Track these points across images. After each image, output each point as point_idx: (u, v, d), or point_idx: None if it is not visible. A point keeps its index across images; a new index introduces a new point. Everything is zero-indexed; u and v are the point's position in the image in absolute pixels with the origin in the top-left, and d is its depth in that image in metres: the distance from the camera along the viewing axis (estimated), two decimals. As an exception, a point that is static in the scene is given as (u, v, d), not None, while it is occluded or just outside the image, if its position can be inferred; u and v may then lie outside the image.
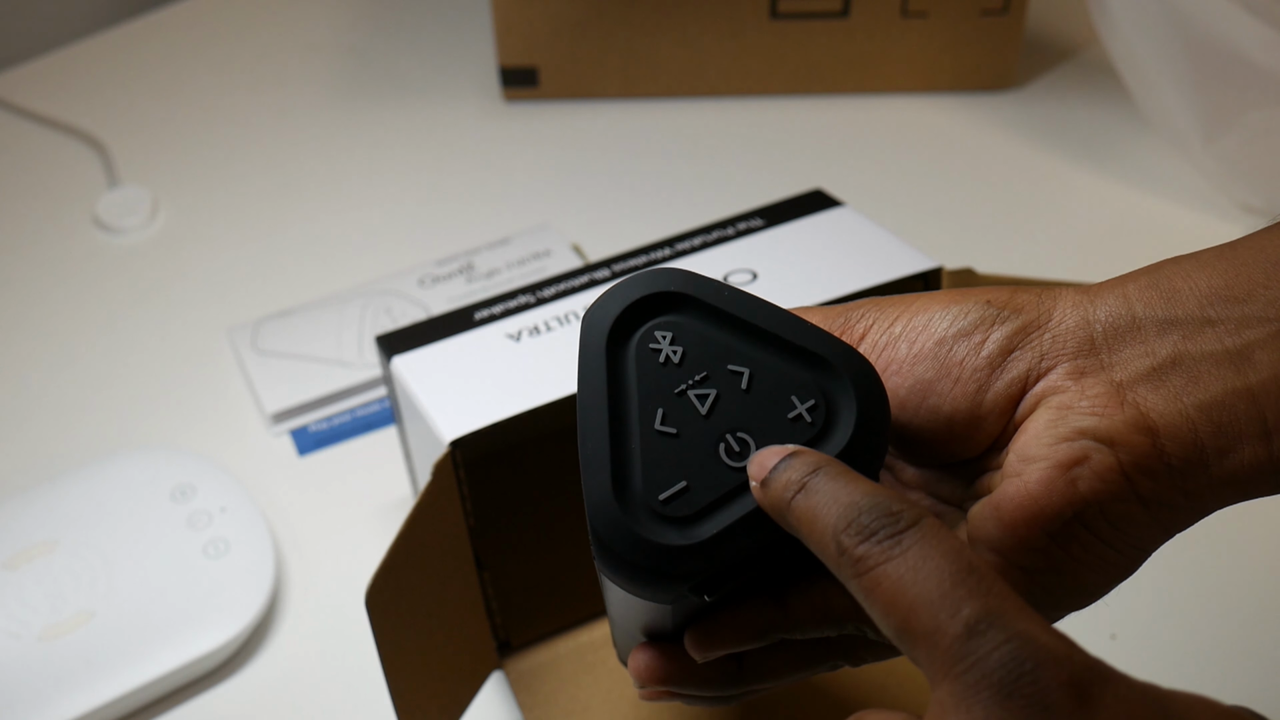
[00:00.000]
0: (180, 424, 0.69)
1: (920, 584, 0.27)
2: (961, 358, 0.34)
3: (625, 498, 0.32)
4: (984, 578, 0.27)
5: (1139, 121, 0.84)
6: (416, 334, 0.52)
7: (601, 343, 0.33)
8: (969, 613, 0.27)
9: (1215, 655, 0.55)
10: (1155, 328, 0.33)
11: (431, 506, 0.46)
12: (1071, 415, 0.32)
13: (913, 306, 0.35)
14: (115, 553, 0.58)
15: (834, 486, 0.30)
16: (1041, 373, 0.33)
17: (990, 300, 0.34)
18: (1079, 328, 0.33)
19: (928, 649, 0.27)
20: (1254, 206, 0.78)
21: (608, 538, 0.32)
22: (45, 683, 0.53)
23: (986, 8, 0.86)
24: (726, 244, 0.55)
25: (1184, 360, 0.32)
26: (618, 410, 0.33)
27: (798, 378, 0.33)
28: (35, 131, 0.92)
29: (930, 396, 0.34)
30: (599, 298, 0.34)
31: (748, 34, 0.87)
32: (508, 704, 0.54)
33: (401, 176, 0.86)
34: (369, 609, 0.42)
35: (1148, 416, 0.32)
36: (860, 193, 0.71)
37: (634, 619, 0.36)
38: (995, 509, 0.33)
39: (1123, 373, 0.33)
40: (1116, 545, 0.32)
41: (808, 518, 0.30)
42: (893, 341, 0.35)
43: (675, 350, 0.33)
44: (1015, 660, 0.26)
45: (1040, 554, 0.32)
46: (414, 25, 1.01)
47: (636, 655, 0.37)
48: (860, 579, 0.28)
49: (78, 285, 0.79)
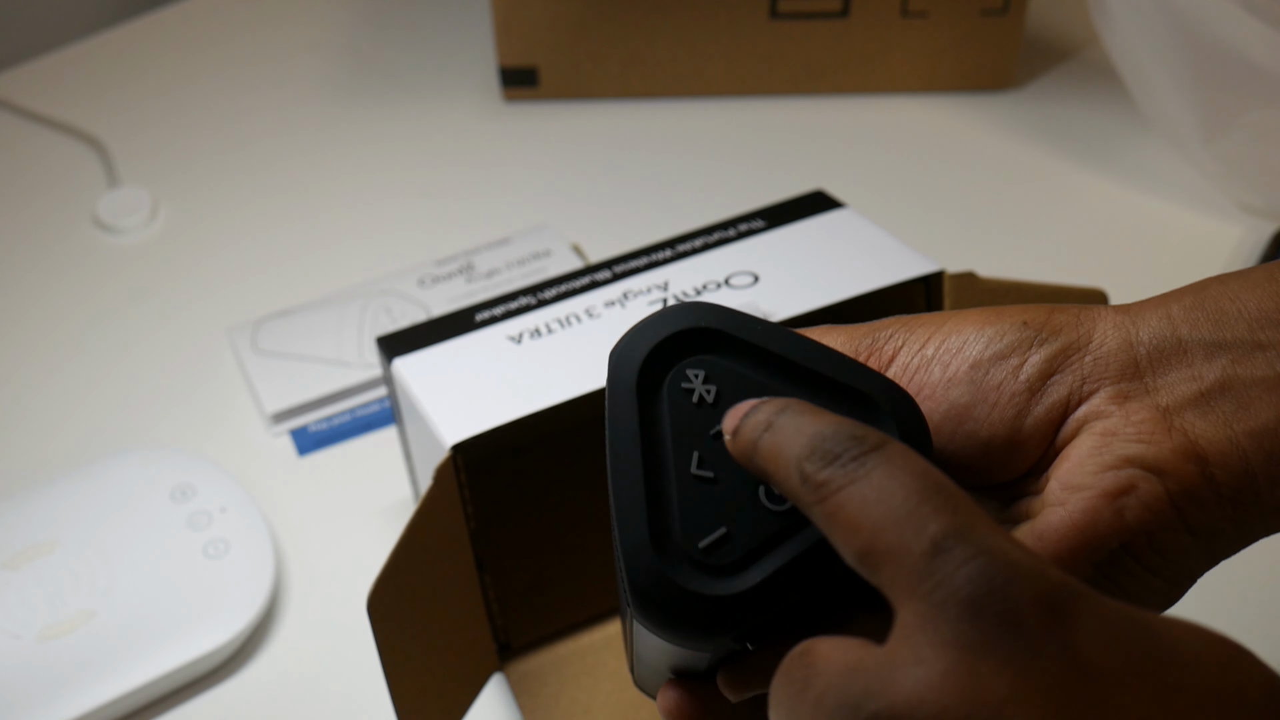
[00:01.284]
0: (180, 424, 0.69)
1: (885, 502, 0.26)
2: (999, 382, 0.33)
3: (663, 546, 0.30)
4: (951, 495, 0.26)
5: (1139, 121, 0.84)
6: (417, 335, 0.52)
7: (631, 383, 0.32)
8: (935, 529, 0.26)
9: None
10: (1202, 351, 0.32)
11: (433, 511, 0.46)
12: (1117, 442, 0.31)
13: (944, 327, 0.34)
14: (115, 552, 0.58)
15: (799, 420, 0.29)
16: (1083, 397, 0.32)
17: (1027, 321, 0.33)
18: (1121, 350, 0.32)
19: (892, 568, 0.26)
20: (1253, 207, 0.78)
21: (647, 589, 0.30)
22: (45, 683, 0.53)
23: (986, 7, 0.86)
24: (728, 245, 0.55)
25: (1233, 385, 0.31)
26: (651, 454, 0.31)
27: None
28: (35, 131, 0.92)
29: (966, 422, 0.33)
30: (625, 335, 0.32)
31: (747, 34, 0.87)
32: (508, 706, 0.54)
33: (401, 176, 0.86)
34: (371, 615, 0.42)
35: (1196, 444, 0.31)
36: (859, 192, 0.71)
37: (663, 659, 0.35)
38: (1038, 538, 0.32)
39: (1169, 397, 0.32)
40: (1163, 574, 0.32)
41: (773, 453, 0.29)
42: (925, 364, 0.34)
43: (709, 389, 0.32)
44: (984, 576, 0.25)
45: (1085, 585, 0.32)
46: (414, 25, 1.01)
47: (666, 694, 0.36)
48: (823, 504, 0.27)
49: (78, 285, 0.79)
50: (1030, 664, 0.24)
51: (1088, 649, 0.25)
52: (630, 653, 0.41)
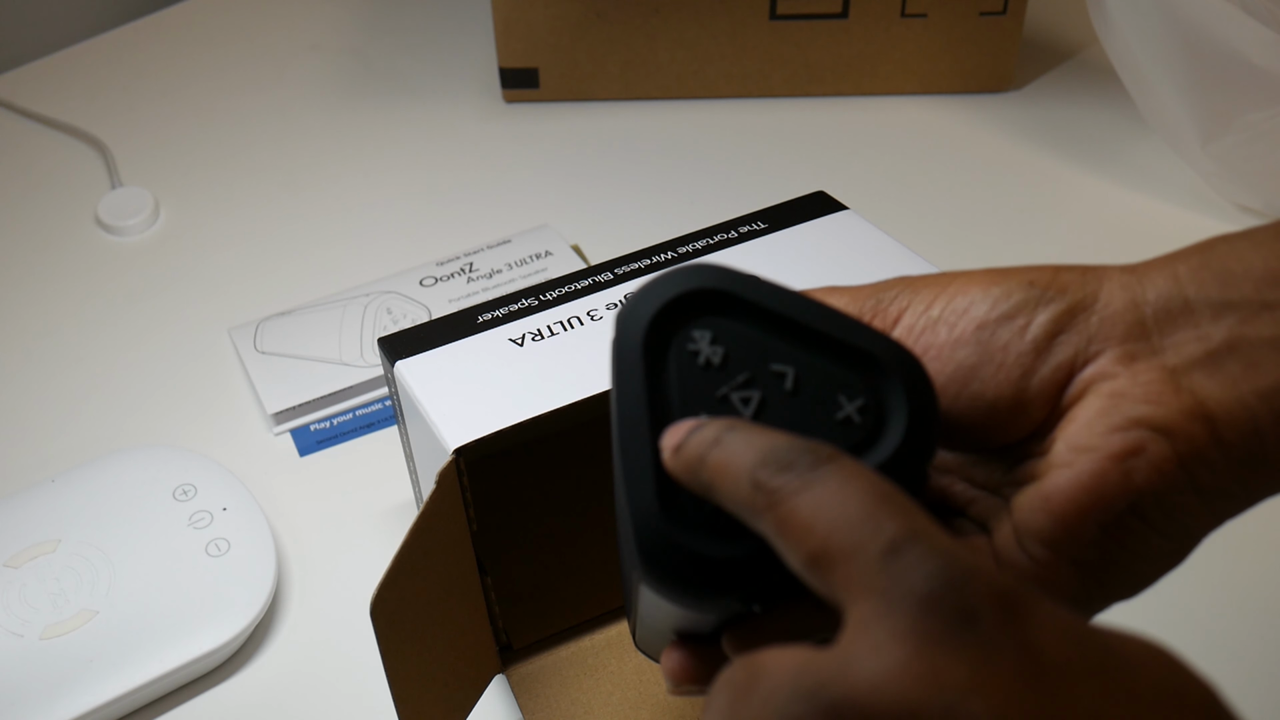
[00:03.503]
0: (182, 424, 0.69)
1: (839, 507, 0.26)
2: (1005, 342, 0.33)
3: (670, 508, 0.30)
4: (906, 503, 0.26)
5: (1138, 122, 0.84)
6: (419, 337, 0.53)
7: (638, 346, 0.31)
8: (892, 530, 0.26)
9: (1218, 651, 0.55)
10: (1209, 310, 0.31)
11: (435, 514, 0.46)
12: (1124, 403, 0.31)
13: (950, 288, 0.34)
14: (117, 552, 0.58)
15: (749, 434, 0.29)
16: (1090, 357, 0.32)
17: (1033, 281, 0.33)
18: (1128, 309, 0.32)
19: (844, 569, 0.26)
20: (1252, 207, 0.79)
21: (655, 552, 0.30)
22: (47, 681, 0.53)
23: (985, 9, 0.86)
24: (729, 248, 0.55)
25: (1241, 345, 0.31)
26: (658, 417, 0.31)
27: (844, 377, 0.31)
28: (37, 132, 0.93)
29: (972, 383, 0.33)
30: (630, 297, 0.32)
31: (747, 35, 0.87)
32: (510, 708, 0.55)
33: (402, 177, 0.86)
34: (374, 618, 0.43)
35: (1204, 404, 0.31)
36: (859, 193, 0.71)
37: (668, 622, 0.35)
38: (1045, 500, 0.31)
39: (1176, 357, 0.31)
40: (1169, 535, 0.31)
41: (722, 465, 0.29)
42: (931, 325, 0.33)
43: (716, 351, 0.31)
44: (941, 573, 0.25)
45: (1092, 546, 0.31)
46: (414, 26, 1.01)
47: (670, 655, 0.36)
48: (775, 509, 0.27)
49: (79, 285, 0.80)
50: (988, 656, 0.24)
51: (1043, 643, 0.25)
52: (632, 617, 0.40)
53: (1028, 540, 0.32)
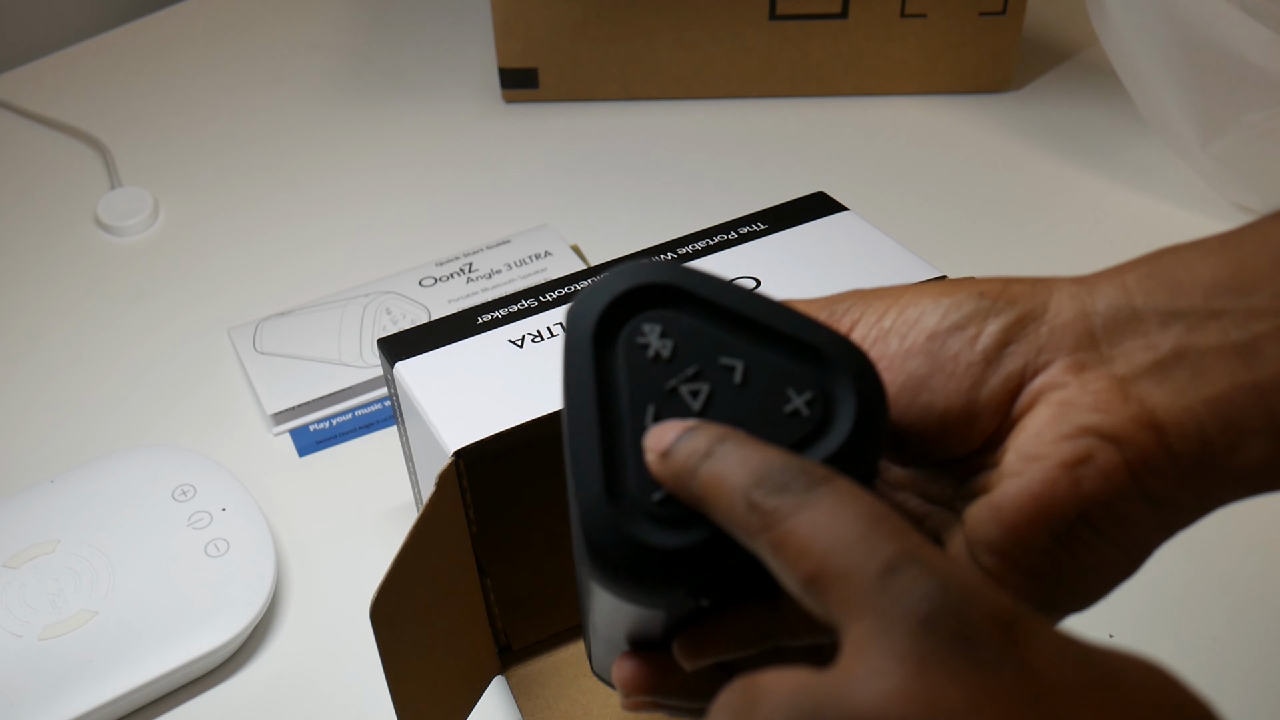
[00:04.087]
0: (181, 424, 0.69)
1: (836, 529, 0.26)
2: (955, 352, 0.33)
3: (618, 499, 0.30)
4: (901, 525, 0.27)
5: (1137, 123, 0.84)
6: (419, 338, 0.53)
7: (587, 338, 0.31)
8: (889, 551, 0.26)
9: (1214, 652, 0.55)
10: (1157, 320, 0.31)
11: (435, 517, 0.46)
12: (1074, 411, 0.31)
13: (902, 299, 0.34)
14: (116, 552, 0.58)
15: (744, 451, 0.29)
16: (1039, 367, 0.32)
17: (983, 292, 0.33)
18: (1077, 320, 0.32)
19: (842, 590, 0.26)
20: (1251, 207, 0.79)
21: (601, 541, 0.30)
22: (46, 681, 0.53)
23: (985, 9, 0.86)
24: (730, 248, 0.55)
25: (1189, 354, 0.31)
26: (607, 409, 0.31)
27: (793, 370, 0.31)
28: (37, 132, 0.93)
29: (923, 392, 0.33)
30: (582, 291, 0.32)
31: (747, 35, 0.87)
32: (509, 709, 0.55)
33: (401, 177, 0.86)
34: (374, 621, 0.42)
35: (1153, 412, 0.31)
36: (857, 193, 0.71)
37: (620, 626, 0.35)
38: (996, 510, 0.31)
39: (1125, 366, 0.31)
40: (1121, 544, 0.31)
41: (714, 481, 0.29)
42: (883, 336, 0.34)
43: (665, 344, 0.31)
44: (939, 593, 0.25)
45: (1043, 555, 0.31)
46: (414, 26, 1.01)
47: (622, 664, 0.36)
48: (771, 530, 0.27)
49: (79, 285, 0.80)
50: (986, 677, 0.24)
51: (1040, 665, 0.25)
52: (588, 635, 0.40)
53: (979, 551, 0.32)
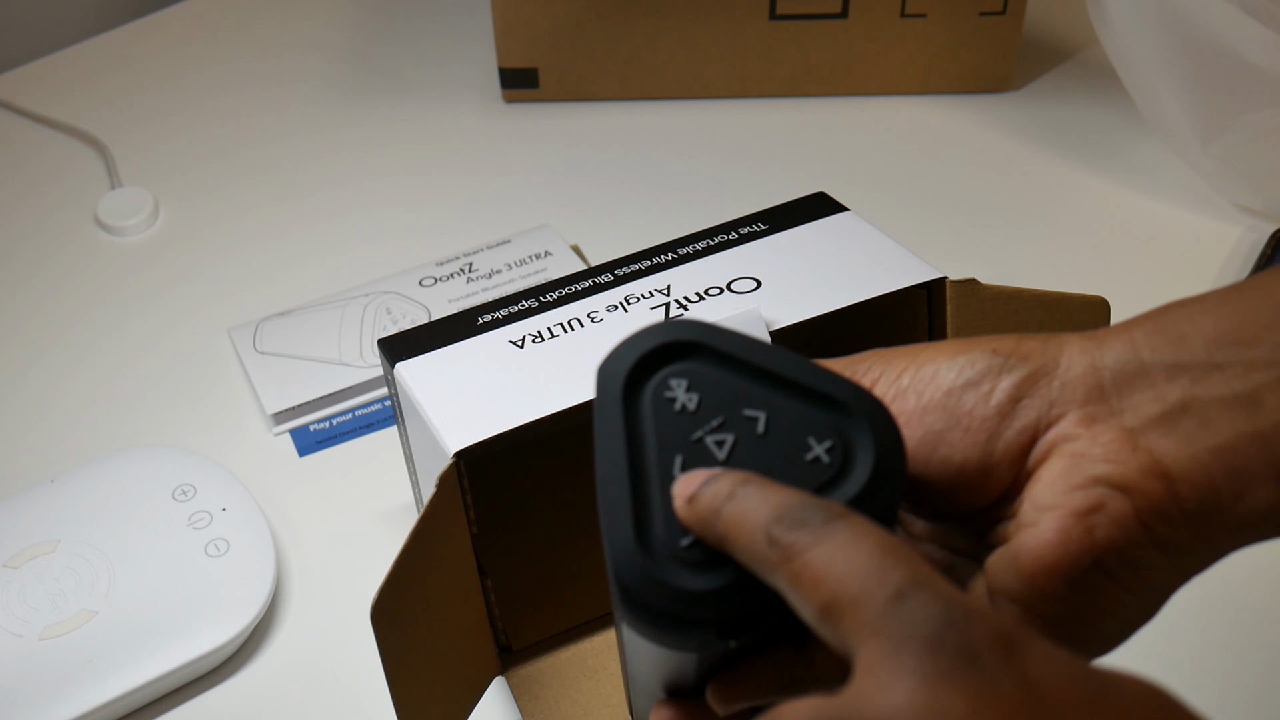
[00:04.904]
0: (181, 424, 0.69)
1: (849, 559, 0.28)
2: (970, 407, 0.34)
3: (648, 545, 0.32)
4: (911, 554, 0.28)
5: (1137, 123, 0.84)
6: (419, 339, 0.53)
7: (618, 393, 0.33)
8: (899, 578, 0.27)
9: (1212, 661, 0.55)
10: (1163, 373, 0.33)
11: (436, 518, 0.46)
12: (1085, 462, 0.32)
13: (919, 358, 0.36)
14: (117, 552, 0.58)
15: (763, 490, 0.31)
16: (1052, 420, 0.34)
17: (996, 349, 0.35)
18: (1087, 374, 0.34)
19: (854, 616, 0.27)
20: (1251, 207, 0.79)
21: (632, 585, 0.32)
22: (46, 681, 0.53)
23: (985, 9, 0.86)
24: (730, 249, 0.55)
25: (1194, 405, 0.32)
26: (636, 459, 0.33)
27: (814, 420, 0.33)
28: (37, 132, 0.92)
29: (941, 447, 0.34)
30: (613, 349, 0.34)
31: (747, 35, 0.87)
32: (509, 710, 0.55)
33: (401, 176, 0.86)
34: (374, 623, 0.43)
35: (1161, 462, 0.32)
36: (857, 193, 0.71)
37: (655, 673, 0.37)
38: (1014, 559, 0.33)
39: (1133, 418, 0.33)
40: (1136, 590, 0.33)
41: (737, 520, 0.30)
42: (901, 394, 0.35)
43: (691, 397, 0.33)
44: (944, 615, 0.26)
45: (1061, 602, 0.32)
46: (414, 25, 1.01)
47: (659, 711, 0.37)
48: (789, 563, 0.29)
49: (79, 286, 0.80)
50: (988, 690, 0.26)
51: (1040, 679, 0.26)
52: (627, 687, 0.42)
53: (1000, 600, 0.33)
